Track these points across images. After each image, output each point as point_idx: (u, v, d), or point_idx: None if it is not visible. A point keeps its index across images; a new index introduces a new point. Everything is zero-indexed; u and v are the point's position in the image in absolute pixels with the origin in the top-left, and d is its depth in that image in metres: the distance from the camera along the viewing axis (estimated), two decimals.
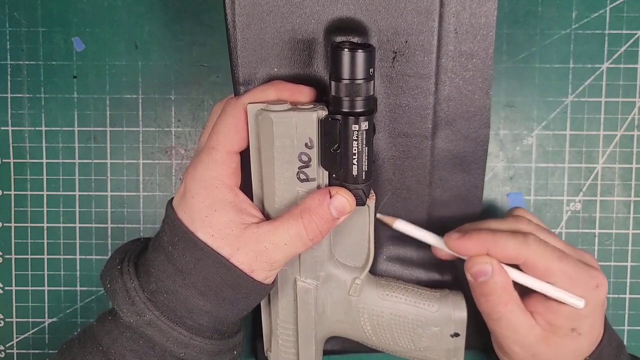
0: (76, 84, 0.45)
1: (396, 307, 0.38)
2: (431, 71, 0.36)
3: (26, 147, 0.45)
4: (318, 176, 0.33)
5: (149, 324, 0.32)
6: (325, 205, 0.33)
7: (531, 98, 0.44)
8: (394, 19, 0.35)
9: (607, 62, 0.44)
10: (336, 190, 0.33)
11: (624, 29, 0.44)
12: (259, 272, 0.33)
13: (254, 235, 0.32)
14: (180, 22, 0.44)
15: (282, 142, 0.32)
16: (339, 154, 0.32)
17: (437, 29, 0.35)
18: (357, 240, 0.37)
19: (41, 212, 0.45)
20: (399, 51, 0.36)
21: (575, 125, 0.44)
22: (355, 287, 0.37)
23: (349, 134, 0.32)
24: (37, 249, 0.45)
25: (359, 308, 0.38)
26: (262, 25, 0.35)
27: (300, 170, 0.33)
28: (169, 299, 0.32)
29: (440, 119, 0.37)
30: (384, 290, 0.38)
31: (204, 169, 0.33)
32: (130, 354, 0.32)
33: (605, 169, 0.44)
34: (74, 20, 0.44)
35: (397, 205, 0.40)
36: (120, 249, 0.36)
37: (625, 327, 0.45)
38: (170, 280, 0.32)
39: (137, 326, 0.32)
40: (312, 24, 0.35)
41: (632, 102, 0.44)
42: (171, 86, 0.44)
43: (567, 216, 0.45)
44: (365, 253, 0.37)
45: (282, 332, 0.38)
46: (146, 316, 0.32)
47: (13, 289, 0.46)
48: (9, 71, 0.44)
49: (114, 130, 0.45)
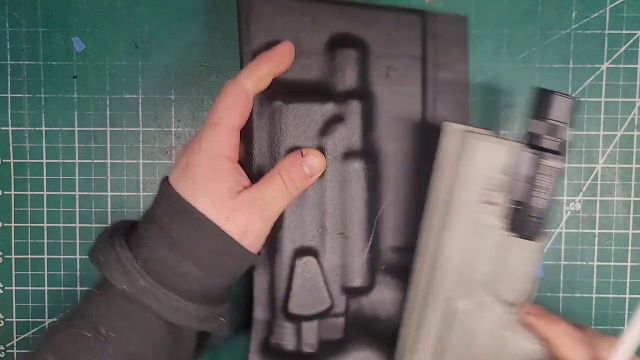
0: (76, 84, 0.45)
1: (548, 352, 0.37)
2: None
3: (26, 147, 0.45)
4: (500, 202, 0.36)
5: (143, 290, 0.33)
6: (298, 163, 0.37)
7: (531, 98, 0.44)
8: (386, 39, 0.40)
9: (607, 62, 0.44)
10: (307, 150, 0.37)
11: (623, 29, 0.44)
12: (251, 234, 0.35)
13: (247, 196, 0.35)
14: (180, 22, 0.44)
15: (481, 166, 0.36)
16: (529, 186, 0.35)
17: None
18: (520, 274, 0.36)
19: (41, 212, 0.45)
20: (390, 67, 0.40)
21: (575, 125, 0.44)
22: (509, 321, 0.36)
23: (543, 170, 0.35)
24: (37, 249, 0.45)
25: (508, 345, 0.37)
26: (270, 35, 0.38)
27: (486, 191, 0.36)
28: (162, 266, 0.34)
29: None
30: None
31: (208, 142, 0.35)
32: (120, 322, 0.33)
33: (605, 169, 0.44)
34: (74, 20, 0.44)
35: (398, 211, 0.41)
36: (109, 227, 0.36)
37: (625, 327, 0.45)
38: (164, 249, 0.34)
39: (130, 293, 0.33)
40: (315, 37, 0.39)
41: (632, 102, 0.44)
42: (171, 86, 0.44)
43: (567, 216, 0.45)
44: (526, 288, 0.36)
45: (423, 349, 0.38)
46: (140, 283, 0.33)
47: (13, 289, 0.46)
48: (9, 71, 0.44)
49: (114, 130, 0.45)
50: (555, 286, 0.45)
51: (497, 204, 0.36)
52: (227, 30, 0.44)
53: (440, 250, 0.37)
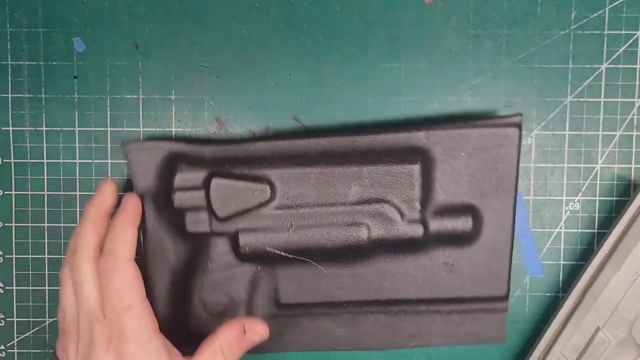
0: (77, 84, 0.45)
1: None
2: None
3: (27, 147, 0.45)
4: None
5: None
6: (242, 340, 0.37)
7: (530, 98, 0.44)
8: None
9: (606, 62, 0.44)
10: (250, 324, 0.38)
11: (623, 29, 0.44)
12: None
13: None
14: (180, 23, 0.44)
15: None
16: None
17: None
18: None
19: (42, 212, 0.45)
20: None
21: (574, 125, 0.44)
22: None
23: None
24: (38, 249, 0.46)
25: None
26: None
27: None
28: None
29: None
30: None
31: (133, 329, 0.35)
32: None
33: (604, 169, 0.44)
34: (75, 20, 0.44)
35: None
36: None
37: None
38: None
39: None
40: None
41: (631, 102, 0.44)
42: (172, 86, 0.45)
43: (566, 216, 0.45)
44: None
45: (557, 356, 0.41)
46: None
47: (14, 289, 0.46)
48: (10, 71, 0.45)
49: (114, 131, 0.45)
50: (555, 286, 0.45)
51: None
52: (227, 30, 0.44)
53: (605, 285, 0.41)
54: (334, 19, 0.44)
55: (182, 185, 0.41)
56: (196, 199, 0.41)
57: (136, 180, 0.41)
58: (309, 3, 0.44)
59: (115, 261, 0.36)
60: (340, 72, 0.44)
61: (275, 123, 0.44)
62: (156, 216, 0.41)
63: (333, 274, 0.42)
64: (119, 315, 0.35)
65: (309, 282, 0.42)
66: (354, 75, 0.44)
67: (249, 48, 0.44)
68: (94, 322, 0.35)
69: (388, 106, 0.44)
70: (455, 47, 0.44)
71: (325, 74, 0.44)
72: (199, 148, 0.41)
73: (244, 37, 0.44)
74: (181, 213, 0.41)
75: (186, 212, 0.41)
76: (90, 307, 0.36)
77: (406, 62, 0.44)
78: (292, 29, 0.44)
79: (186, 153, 0.41)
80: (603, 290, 0.41)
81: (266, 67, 0.44)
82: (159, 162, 0.41)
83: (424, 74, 0.44)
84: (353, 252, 0.41)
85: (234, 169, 0.41)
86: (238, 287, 0.41)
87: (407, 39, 0.44)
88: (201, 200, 0.41)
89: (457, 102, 0.44)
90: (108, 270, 0.36)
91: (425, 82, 0.44)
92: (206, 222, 0.41)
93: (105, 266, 0.36)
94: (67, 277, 0.38)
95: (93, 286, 0.36)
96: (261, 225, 0.41)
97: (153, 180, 0.41)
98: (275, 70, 0.44)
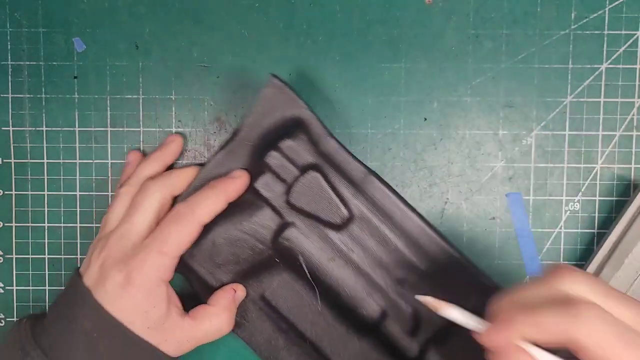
0: (77, 84, 0.45)
1: None
2: None
3: (27, 147, 0.45)
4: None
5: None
6: (235, 302, 0.40)
7: (530, 98, 0.44)
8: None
9: (606, 62, 0.44)
10: (237, 286, 0.40)
11: (623, 29, 0.44)
12: (183, 350, 0.38)
13: (179, 329, 0.37)
14: (180, 23, 0.44)
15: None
16: None
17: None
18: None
19: (42, 212, 0.45)
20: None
21: (574, 125, 0.44)
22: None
23: None
24: (38, 249, 0.46)
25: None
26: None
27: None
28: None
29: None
30: None
31: (152, 269, 0.36)
32: None
33: (604, 169, 0.45)
34: (75, 20, 0.44)
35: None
36: (21, 331, 0.37)
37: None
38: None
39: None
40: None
41: (631, 103, 0.44)
42: (172, 86, 0.45)
43: (565, 216, 0.45)
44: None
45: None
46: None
47: (14, 289, 0.46)
48: (10, 71, 0.45)
49: (114, 131, 0.45)
50: None
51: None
52: (227, 30, 0.44)
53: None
54: (334, 19, 0.44)
55: (285, 150, 0.40)
56: (286, 171, 0.40)
57: (252, 112, 0.40)
58: (309, 3, 0.44)
59: (188, 216, 0.37)
60: (340, 72, 0.44)
61: None
62: (241, 156, 0.41)
63: (321, 314, 0.40)
64: (150, 253, 0.36)
65: (298, 302, 0.41)
66: (354, 75, 0.44)
67: (249, 48, 0.44)
68: (126, 244, 0.37)
69: (388, 106, 0.44)
70: (455, 47, 0.44)
71: (325, 74, 0.44)
72: (325, 138, 0.40)
73: (244, 37, 0.44)
74: (262, 169, 0.40)
75: (267, 171, 0.40)
76: (132, 231, 0.38)
77: (406, 62, 0.44)
78: (292, 29, 0.44)
79: (312, 130, 0.40)
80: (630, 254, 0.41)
81: (266, 67, 0.44)
82: (286, 115, 0.40)
83: (424, 74, 0.44)
84: (353, 320, 0.40)
85: (334, 177, 0.40)
86: (247, 258, 0.41)
87: (407, 39, 0.44)
88: (288, 176, 0.40)
89: (457, 102, 0.44)
90: (176, 217, 0.38)
91: (425, 82, 0.44)
92: (274, 193, 0.40)
93: (177, 211, 0.38)
94: (126, 193, 0.40)
95: (147, 217, 0.38)
96: (314, 237, 0.40)
97: (265, 125, 0.41)
98: (275, 70, 0.44)
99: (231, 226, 0.40)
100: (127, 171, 0.43)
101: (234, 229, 0.40)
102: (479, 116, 0.44)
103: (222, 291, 0.40)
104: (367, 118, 0.44)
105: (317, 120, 0.40)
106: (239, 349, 0.44)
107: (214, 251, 0.40)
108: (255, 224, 0.40)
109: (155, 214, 0.39)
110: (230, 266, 0.41)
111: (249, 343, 0.41)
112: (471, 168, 0.45)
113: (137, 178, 0.41)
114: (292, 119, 0.40)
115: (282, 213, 0.40)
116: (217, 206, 0.39)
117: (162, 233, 0.37)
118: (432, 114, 0.44)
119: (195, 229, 0.38)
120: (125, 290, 0.36)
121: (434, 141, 0.45)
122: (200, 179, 0.41)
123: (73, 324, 0.36)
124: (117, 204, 0.40)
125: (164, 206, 0.40)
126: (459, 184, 0.45)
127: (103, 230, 0.40)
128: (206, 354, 0.44)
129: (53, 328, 0.37)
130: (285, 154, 0.40)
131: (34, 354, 0.35)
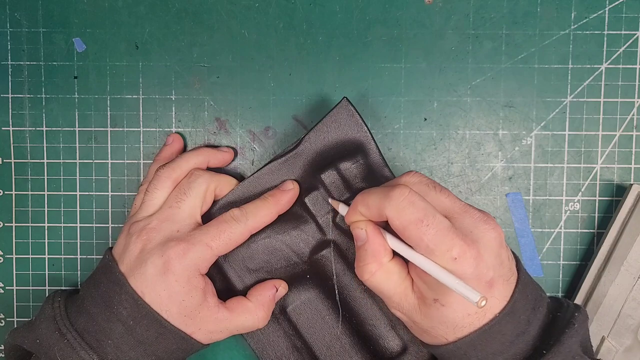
0: (77, 84, 0.45)
1: None
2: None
3: (27, 147, 0.45)
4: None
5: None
6: (274, 300, 0.40)
7: (530, 98, 0.44)
8: None
9: (606, 62, 0.44)
10: (279, 283, 0.40)
11: (622, 29, 0.44)
12: (214, 339, 0.39)
13: (214, 320, 0.38)
14: (180, 23, 0.44)
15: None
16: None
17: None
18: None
19: (42, 212, 0.45)
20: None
21: (574, 125, 0.44)
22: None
23: None
24: (38, 249, 0.46)
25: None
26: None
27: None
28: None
29: None
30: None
31: (194, 258, 0.37)
32: None
33: (604, 169, 0.45)
34: (75, 21, 0.44)
35: None
36: (56, 316, 0.37)
37: None
38: (132, 350, 0.36)
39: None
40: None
41: (631, 103, 0.44)
42: (172, 86, 0.45)
43: (565, 216, 0.45)
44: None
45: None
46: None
47: (14, 289, 0.46)
48: (10, 71, 0.45)
49: (114, 131, 0.45)
50: (554, 286, 0.45)
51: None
52: (227, 30, 0.44)
53: (605, 294, 0.41)
54: (334, 19, 0.44)
55: (343, 171, 0.40)
56: (338, 191, 0.40)
57: (317, 129, 0.41)
58: (309, 3, 0.44)
59: (241, 222, 0.38)
60: (340, 72, 0.44)
61: (275, 123, 0.45)
62: (295, 167, 0.41)
63: (340, 339, 0.40)
64: (197, 244, 0.37)
65: (319, 323, 0.40)
66: (354, 75, 0.44)
67: (249, 48, 0.44)
68: (172, 228, 0.38)
69: (388, 106, 0.44)
70: (455, 47, 0.44)
71: (325, 74, 0.44)
72: (383, 168, 0.40)
73: (244, 37, 0.44)
74: (315, 184, 0.40)
75: (320, 188, 0.40)
76: (179, 216, 0.38)
77: (406, 62, 0.44)
78: (292, 29, 0.44)
79: (370, 157, 0.40)
80: (603, 299, 0.41)
81: (266, 67, 0.44)
82: (349, 138, 0.41)
83: (424, 74, 0.44)
84: (371, 350, 0.40)
85: None
86: (280, 269, 0.41)
87: (407, 39, 0.44)
88: (340, 196, 0.40)
89: (457, 102, 0.44)
90: (230, 219, 0.38)
91: (425, 82, 0.44)
92: (322, 210, 0.40)
93: (233, 214, 0.38)
94: (168, 177, 0.40)
95: (195, 204, 0.39)
96: (351, 260, 0.40)
97: (326, 143, 0.41)
98: (275, 70, 0.44)
99: (272, 234, 0.41)
100: (165, 153, 0.43)
101: (274, 238, 0.41)
102: (479, 116, 0.44)
103: (263, 288, 0.40)
104: (367, 118, 0.44)
105: (377, 149, 0.41)
106: (239, 350, 0.44)
107: (248, 255, 0.41)
108: (297, 237, 0.40)
109: (201, 203, 0.39)
110: (260, 273, 0.41)
111: (260, 356, 0.41)
112: (471, 168, 0.45)
113: (182, 164, 0.40)
114: (354, 143, 0.41)
115: (325, 231, 0.40)
116: (269, 218, 0.39)
117: (216, 229, 0.37)
118: (432, 114, 0.44)
119: (245, 235, 0.38)
120: (164, 277, 0.36)
121: (434, 141, 0.45)
122: (252, 182, 0.41)
123: (108, 311, 0.36)
124: (158, 186, 0.39)
125: (207, 200, 0.40)
126: (459, 184, 0.45)
127: (140, 211, 0.39)
128: (206, 354, 0.45)
129: (88, 312, 0.37)
130: (342, 174, 0.40)
131: (70, 336, 0.35)
